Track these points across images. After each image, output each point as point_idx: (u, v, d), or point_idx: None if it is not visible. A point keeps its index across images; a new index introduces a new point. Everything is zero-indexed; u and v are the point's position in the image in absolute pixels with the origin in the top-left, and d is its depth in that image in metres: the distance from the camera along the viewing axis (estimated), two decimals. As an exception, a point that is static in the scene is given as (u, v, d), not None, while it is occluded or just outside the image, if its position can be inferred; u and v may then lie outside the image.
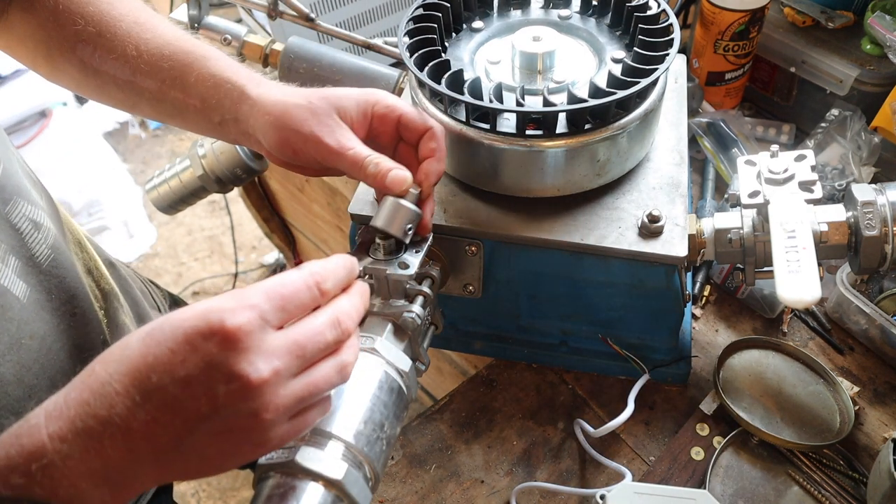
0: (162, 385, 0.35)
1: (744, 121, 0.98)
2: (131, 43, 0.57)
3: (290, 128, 0.53)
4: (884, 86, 0.86)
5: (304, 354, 0.39)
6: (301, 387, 0.39)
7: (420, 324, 0.53)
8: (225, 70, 0.56)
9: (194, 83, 0.56)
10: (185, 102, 0.57)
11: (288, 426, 0.39)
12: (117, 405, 0.35)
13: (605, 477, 0.67)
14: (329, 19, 0.97)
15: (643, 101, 0.61)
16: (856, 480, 0.64)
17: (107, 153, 2.45)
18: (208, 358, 0.35)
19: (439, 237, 0.63)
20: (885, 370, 0.73)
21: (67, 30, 0.57)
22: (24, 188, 0.53)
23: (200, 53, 0.57)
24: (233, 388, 0.36)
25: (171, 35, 0.58)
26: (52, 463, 0.34)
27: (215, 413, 0.36)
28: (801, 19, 0.94)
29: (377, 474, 0.45)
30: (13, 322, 0.48)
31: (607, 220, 0.62)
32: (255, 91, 0.55)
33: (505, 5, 0.73)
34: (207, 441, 0.37)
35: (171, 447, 0.36)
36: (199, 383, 0.35)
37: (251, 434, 0.37)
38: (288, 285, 0.40)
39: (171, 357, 0.35)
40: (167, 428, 0.35)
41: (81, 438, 0.35)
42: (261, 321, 0.37)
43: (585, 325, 0.72)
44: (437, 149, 0.55)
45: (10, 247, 0.49)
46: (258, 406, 0.36)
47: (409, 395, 0.50)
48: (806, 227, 0.56)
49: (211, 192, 1.01)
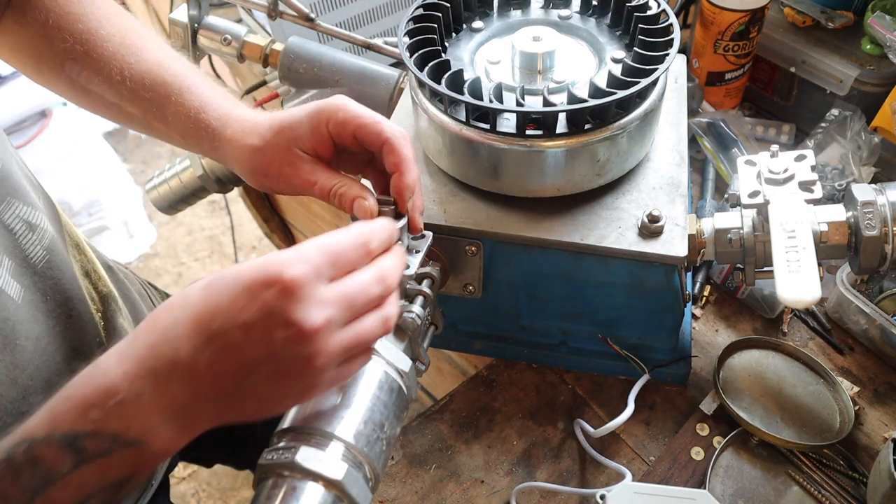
0: (224, 330, 0.38)
1: (744, 121, 0.98)
2: (116, 66, 0.57)
3: (259, 171, 0.56)
4: (884, 86, 0.86)
5: (353, 306, 0.41)
6: (349, 336, 0.41)
7: (420, 324, 0.53)
8: (199, 111, 0.57)
9: (172, 119, 0.57)
10: (168, 134, 0.59)
11: (335, 372, 0.42)
12: (182, 348, 0.38)
13: (605, 477, 0.67)
14: (329, 19, 0.97)
15: (643, 102, 0.61)
16: (856, 480, 0.64)
17: (107, 153, 2.45)
18: (267, 306, 0.37)
19: (439, 237, 0.63)
20: (885, 370, 0.73)
21: (56, 47, 0.57)
22: (21, 189, 0.52)
23: (178, 86, 0.57)
24: (289, 334, 0.38)
25: (153, 61, 0.58)
26: (126, 400, 0.37)
27: (272, 357, 0.38)
28: (801, 19, 0.94)
29: (377, 474, 0.45)
30: (7, 322, 0.48)
31: (607, 220, 0.62)
32: (224, 134, 0.56)
33: (505, 5, 0.73)
34: (264, 383, 0.39)
35: (231, 388, 0.39)
36: (259, 329, 0.37)
37: (303, 377, 0.40)
38: (340, 243, 0.42)
39: (232, 304, 0.38)
40: (228, 369, 0.38)
41: (150, 378, 0.38)
42: (315, 274, 0.39)
43: (585, 325, 0.72)
44: (400, 161, 0.53)
45: (3, 247, 0.49)
46: (311, 352, 0.39)
47: (409, 396, 0.50)
48: (806, 227, 0.56)
49: (211, 192, 1.01)
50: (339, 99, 0.54)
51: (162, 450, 0.39)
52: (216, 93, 0.58)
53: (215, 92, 0.58)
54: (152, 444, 0.38)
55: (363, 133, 0.53)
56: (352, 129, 0.53)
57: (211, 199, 2.29)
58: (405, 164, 0.53)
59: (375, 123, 0.53)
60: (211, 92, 0.58)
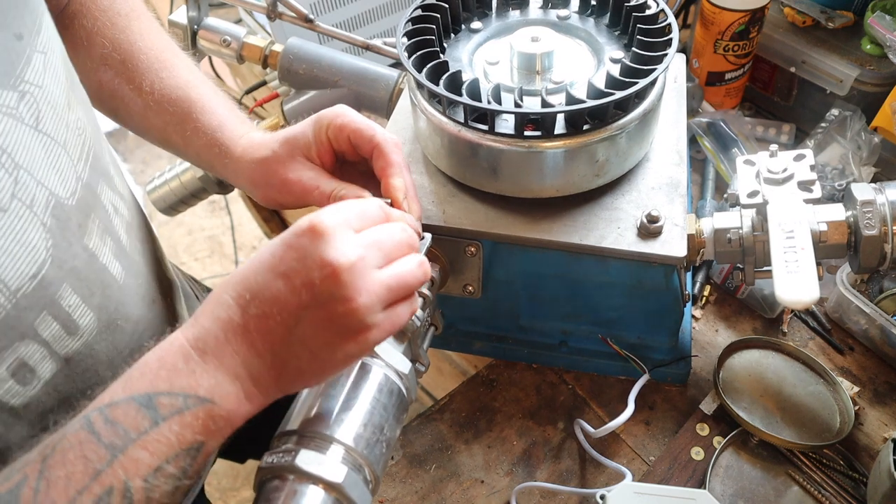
0: (266, 283, 0.40)
1: (744, 121, 0.98)
2: (148, 78, 0.60)
3: (264, 182, 0.57)
4: (884, 86, 0.86)
5: (384, 248, 0.43)
6: (387, 275, 0.43)
7: (419, 325, 0.54)
8: (216, 130, 0.59)
9: (190, 136, 0.60)
10: (185, 150, 0.61)
11: (383, 316, 0.42)
12: (232, 308, 0.40)
13: (605, 477, 0.67)
14: (328, 20, 0.97)
15: (642, 102, 0.61)
16: (856, 480, 0.64)
17: (107, 153, 2.45)
18: (302, 251, 0.40)
19: (438, 238, 0.63)
20: (885, 370, 0.73)
21: (95, 52, 0.61)
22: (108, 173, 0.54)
23: (200, 105, 0.60)
24: (326, 272, 0.39)
25: (183, 79, 0.61)
26: (192, 360, 0.40)
27: (315, 301, 0.40)
28: (801, 19, 0.94)
29: (377, 477, 0.45)
30: (111, 301, 0.50)
31: (606, 220, 0.62)
32: (235, 152, 0.59)
33: (503, 6, 0.73)
34: (313, 331, 0.40)
35: (282, 339, 0.40)
36: (297, 274, 0.40)
37: (350, 319, 0.41)
38: (363, 202, 0.46)
39: (271, 258, 0.41)
40: (276, 320, 0.40)
41: (212, 338, 0.40)
42: (345, 221, 0.42)
43: (585, 325, 0.72)
44: (387, 165, 0.55)
45: (104, 227, 0.51)
46: (351, 290, 0.40)
47: (408, 398, 0.50)
48: (804, 227, 0.56)
49: (211, 192, 1.01)
50: (339, 107, 0.56)
51: (232, 411, 0.40)
52: (235, 116, 0.61)
53: (234, 115, 0.61)
54: (222, 403, 0.40)
55: (357, 137, 0.55)
56: (347, 133, 0.55)
57: (211, 199, 2.29)
58: (391, 168, 0.55)
59: (368, 129, 0.55)
60: (230, 114, 0.61)
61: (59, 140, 0.46)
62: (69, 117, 0.48)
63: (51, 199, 0.44)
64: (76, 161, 0.48)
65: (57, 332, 0.46)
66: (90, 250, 0.48)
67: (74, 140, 0.48)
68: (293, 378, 0.42)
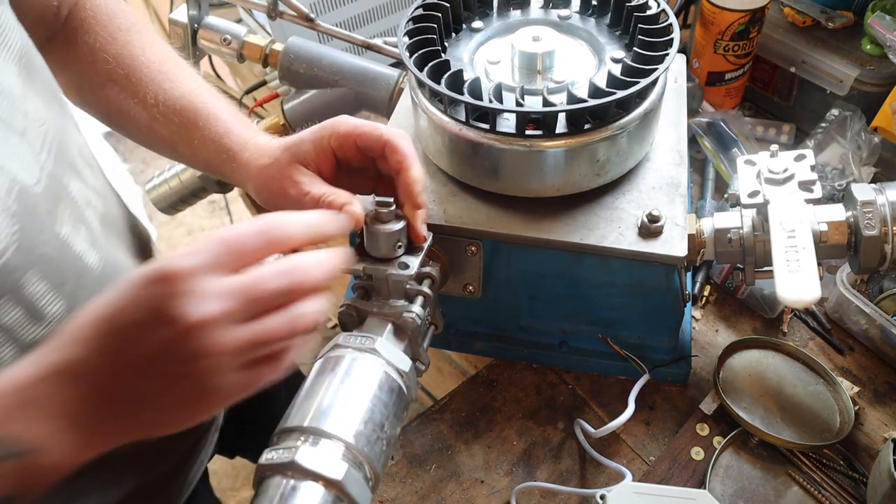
0: (116, 328, 0.37)
1: (744, 121, 0.98)
2: (152, 91, 0.60)
3: (264, 187, 0.57)
4: (884, 86, 0.86)
5: (250, 300, 0.38)
6: (246, 335, 0.38)
7: (420, 324, 0.53)
8: (223, 136, 0.59)
9: (198, 144, 0.60)
10: (193, 158, 0.62)
11: (238, 377, 0.39)
12: (82, 348, 0.37)
13: (605, 477, 0.67)
14: (329, 19, 0.97)
15: (643, 101, 0.61)
16: (856, 480, 0.64)
17: (107, 153, 2.46)
18: (151, 300, 0.36)
19: (439, 237, 0.63)
20: (885, 370, 0.73)
21: (99, 68, 0.61)
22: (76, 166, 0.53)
23: (205, 113, 0.60)
24: (172, 330, 0.36)
25: (187, 88, 0.61)
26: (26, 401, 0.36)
27: (159, 356, 0.36)
28: (801, 19, 0.94)
29: (377, 474, 0.45)
30: (86, 290, 0.49)
31: (607, 220, 0.62)
32: (241, 157, 0.59)
33: (505, 5, 0.73)
34: (156, 386, 0.37)
35: (125, 390, 0.37)
36: (145, 326, 0.36)
37: (195, 380, 0.37)
38: (237, 233, 0.40)
39: (126, 302, 0.37)
40: (120, 369, 0.37)
41: (54, 379, 0.37)
42: (205, 265, 0.37)
43: (585, 325, 0.72)
44: (403, 158, 0.53)
45: (76, 217, 0.50)
46: (197, 350, 0.36)
47: (409, 396, 0.50)
48: (805, 226, 0.56)
49: (211, 192, 1.01)
50: (340, 117, 0.56)
51: (58, 461, 0.37)
52: (240, 121, 0.61)
53: (239, 120, 0.61)
54: (49, 452, 0.36)
55: (364, 140, 0.54)
56: (353, 139, 0.54)
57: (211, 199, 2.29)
58: (408, 160, 0.54)
59: (374, 129, 0.54)
60: (235, 120, 0.61)
61: (15, 128, 0.45)
62: (26, 107, 0.47)
63: (14, 184, 0.43)
64: (38, 151, 0.47)
65: (19, 319, 0.45)
66: (62, 238, 0.48)
67: (35, 131, 0.47)
68: (135, 428, 0.39)
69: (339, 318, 0.56)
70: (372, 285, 0.56)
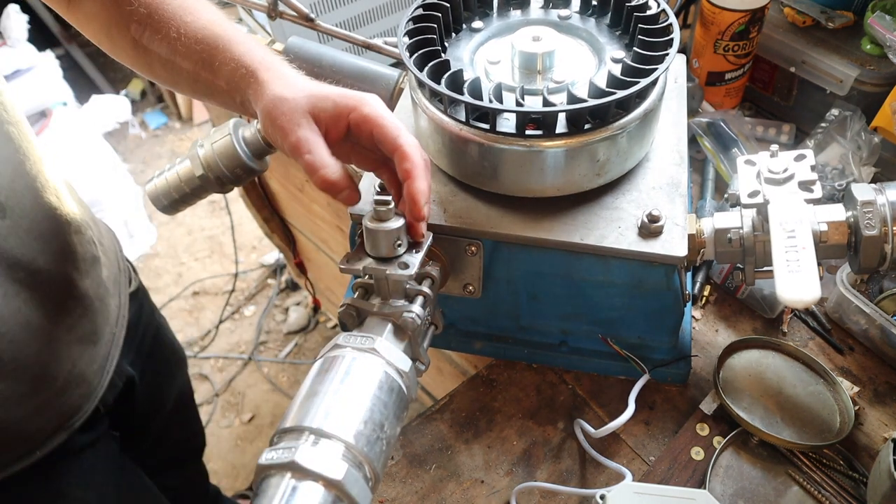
0: None
1: (744, 121, 0.98)
2: (174, 25, 0.61)
3: (270, 117, 0.56)
4: (884, 86, 0.86)
5: None
6: None
7: (420, 324, 0.53)
8: (244, 55, 0.60)
9: (219, 66, 0.60)
10: (214, 83, 0.61)
11: None
12: None
13: (605, 477, 0.67)
14: (329, 19, 0.97)
15: (643, 101, 0.61)
16: (856, 480, 0.64)
17: (107, 153, 2.45)
18: None
19: (439, 237, 0.63)
20: (885, 370, 0.73)
21: (123, 10, 0.62)
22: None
23: (228, 38, 0.61)
24: None
25: (206, 19, 0.62)
26: None
27: None
28: (801, 19, 0.94)
29: (377, 474, 0.45)
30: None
31: (607, 220, 0.62)
32: (263, 76, 0.58)
33: (505, 5, 0.73)
34: None
35: None
36: None
37: None
38: None
39: None
40: None
41: None
42: None
43: (585, 325, 0.72)
44: (412, 168, 0.54)
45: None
46: None
47: (409, 396, 0.50)
48: (805, 226, 0.56)
49: (211, 192, 1.00)
50: (371, 96, 0.56)
51: None
52: (261, 47, 0.62)
53: (260, 46, 0.62)
54: None
55: (380, 134, 0.55)
56: (371, 126, 0.55)
57: (211, 199, 2.29)
58: (416, 169, 0.54)
59: (393, 129, 0.55)
60: (257, 45, 0.62)
61: None
62: None
63: None
64: None
65: None
66: None
67: None
68: None
69: (339, 318, 0.56)
70: (372, 285, 0.56)
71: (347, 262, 0.56)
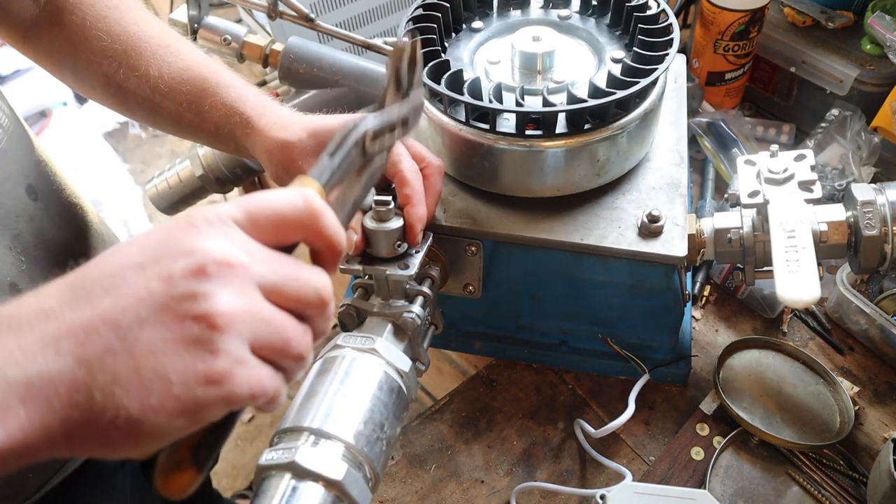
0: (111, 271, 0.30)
1: (744, 121, 0.98)
2: (154, 64, 0.59)
3: (282, 166, 0.57)
4: (884, 86, 0.86)
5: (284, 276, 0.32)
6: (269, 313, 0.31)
7: (420, 324, 0.53)
8: (235, 101, 0.59)
9: (208, 111, 0.59)
10: (201, 126, 0.60)
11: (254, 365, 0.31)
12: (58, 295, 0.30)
13: (605, 477, 0.67)
14: (329, 19, 0.97)
15: (643, 101, 0.61)
16: (856, 480, 0.64)
17: (107, 153, 2.45)
18: (166, 237, 0.31)
19: (439, 237, 0.63)
20: (885, 370, 0.73)
21: (94, 45, 0.60)
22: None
23: (215, 80, 0.59)
24: (190, 262, 0.29)
25: (191, 60, 0.61)
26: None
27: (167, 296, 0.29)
28: (801, 19, 0.94)
29: (377, 474, 0.45)
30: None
31: (607, 220, 0.62)
32: (259, 123, 0.58)
33: (504, 5, 0.73)
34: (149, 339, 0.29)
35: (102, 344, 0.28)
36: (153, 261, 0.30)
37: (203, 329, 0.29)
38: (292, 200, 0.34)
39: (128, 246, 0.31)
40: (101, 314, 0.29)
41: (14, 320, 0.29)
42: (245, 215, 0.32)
43: (585, 325, 0.72)
44: (411, 196, 0.55)
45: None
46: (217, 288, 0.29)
47: (409, 396, 0.50)
48: (805, 226, 0.56)
49: (211, 192, 1.00)
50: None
51: None
52: (251, 89, 0.61)
53: (250, 89, 0.61)
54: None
55: None
56: None
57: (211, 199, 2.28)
58: (416, 196, 0.55)
59: (395, 154, 0.55)
60: (247, 87, 0.60)
61: None
62: None
63: None
64: None
65: None
66: None
67: None
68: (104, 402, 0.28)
69: (339, 318, 0.56)
70: (372, 285, 0.56)
71: (347, 262, 0.56)
